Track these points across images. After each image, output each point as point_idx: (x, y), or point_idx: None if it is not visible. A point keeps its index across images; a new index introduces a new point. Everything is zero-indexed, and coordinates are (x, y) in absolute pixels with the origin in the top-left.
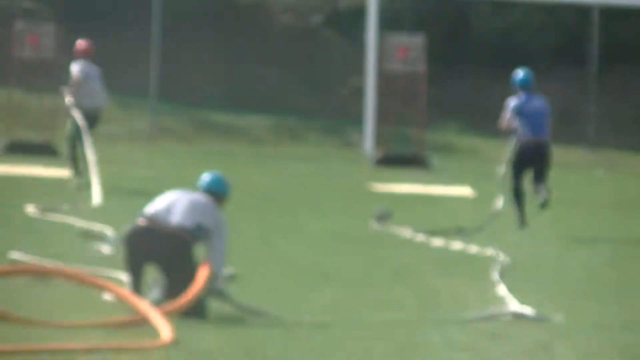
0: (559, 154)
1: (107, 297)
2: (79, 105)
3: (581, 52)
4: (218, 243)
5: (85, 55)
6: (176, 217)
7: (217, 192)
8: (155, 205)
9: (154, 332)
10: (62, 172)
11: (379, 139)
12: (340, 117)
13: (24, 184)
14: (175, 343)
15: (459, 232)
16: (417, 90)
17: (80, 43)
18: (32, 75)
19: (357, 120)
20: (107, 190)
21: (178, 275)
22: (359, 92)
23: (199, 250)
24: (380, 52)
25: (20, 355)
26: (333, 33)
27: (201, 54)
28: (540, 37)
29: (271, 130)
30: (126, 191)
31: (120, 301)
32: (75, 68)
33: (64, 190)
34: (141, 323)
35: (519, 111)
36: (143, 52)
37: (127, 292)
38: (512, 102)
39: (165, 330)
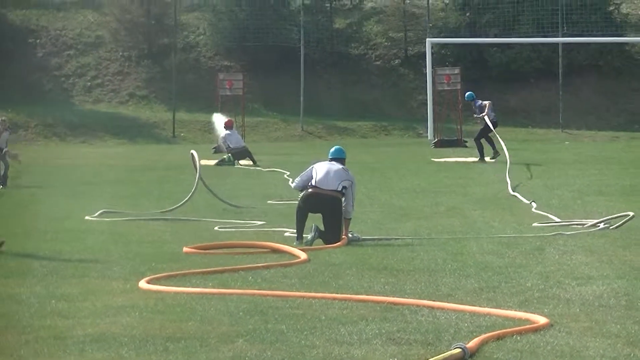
0: (542, 133)
1: (286, 234)
2: (233, 148)
3: (552, 71)
4: (350, 193)
5: (228, 126)
6: (331, 184)
7: (341, 157)
8: (317, 177)
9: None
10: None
11: (435, 131)
12: (413, 119)
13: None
14: (309, 260)
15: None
16: (456, 100)
17: (227, 121)
18: (228, 105)
19: (422, 120)
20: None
21: (333, 219)
22: (423, 104)
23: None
24: (434, 79)
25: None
26: (406, 69)
27: (328, 86)
28: (528, 63)
29: (371, 129)
30: (292, 167)
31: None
32: (221, 135)
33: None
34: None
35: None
36: (295, 87)
37: (281, 245)
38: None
39: (303, 255)
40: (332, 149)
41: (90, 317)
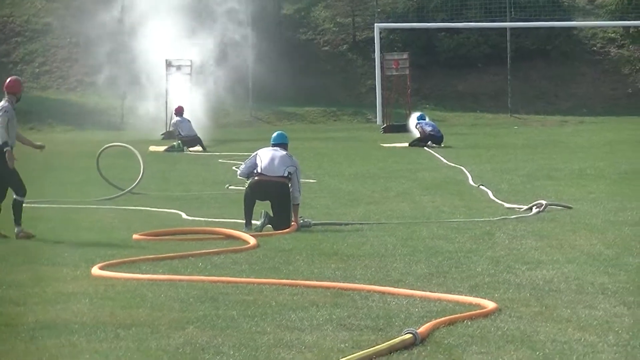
0: (490, 118)
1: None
2: (185, 136)
3: (501, 56)
4: (296, 178)
5: (178, 112)
6: (277, 171)
7: (284, 143)
8: (262, 164)
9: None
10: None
11: (384, 116)
12: (362, 104)
13: None
14: (259, 246)
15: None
16: (405, 86)
17: (177, 107)
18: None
19: (371, 105)
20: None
21: (282, 205)
22: (372, 89)
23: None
24: (382, 64)
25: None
26: (355, 55)
27: (277, 71)
28: (476, 48)
29: (320, 115)
30: (241, 153)
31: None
32: (173, 121)
33: None
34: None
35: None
36: (244, 74)
37: (230, 231)
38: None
39: (252, 240)
40: (275, 135)
41: (41, 304)
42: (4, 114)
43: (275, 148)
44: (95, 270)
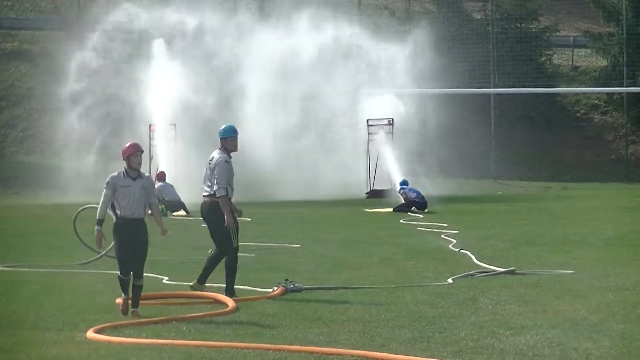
0: (474, 184)
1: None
2: (168, 201)
3: (484, 122)
4: (216, 177)
5: (160, 178)
6: (203, 189)
7: (221, 137)
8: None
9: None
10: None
11: (367, 184)
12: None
13: None
14: (238, 309)
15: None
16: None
17: (159, 173)
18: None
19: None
20: None
21: (212, 225)
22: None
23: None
24: (367, 130)
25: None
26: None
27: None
28: (461, 113)
29: (305, 181)
30: None
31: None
32: (155, 186)
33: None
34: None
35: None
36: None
37: (212, 294)
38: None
39: (231, 303)
40: (220, 129)
41: None
42: (106, 186)
43: (210, 160)
44: (91, 334)
